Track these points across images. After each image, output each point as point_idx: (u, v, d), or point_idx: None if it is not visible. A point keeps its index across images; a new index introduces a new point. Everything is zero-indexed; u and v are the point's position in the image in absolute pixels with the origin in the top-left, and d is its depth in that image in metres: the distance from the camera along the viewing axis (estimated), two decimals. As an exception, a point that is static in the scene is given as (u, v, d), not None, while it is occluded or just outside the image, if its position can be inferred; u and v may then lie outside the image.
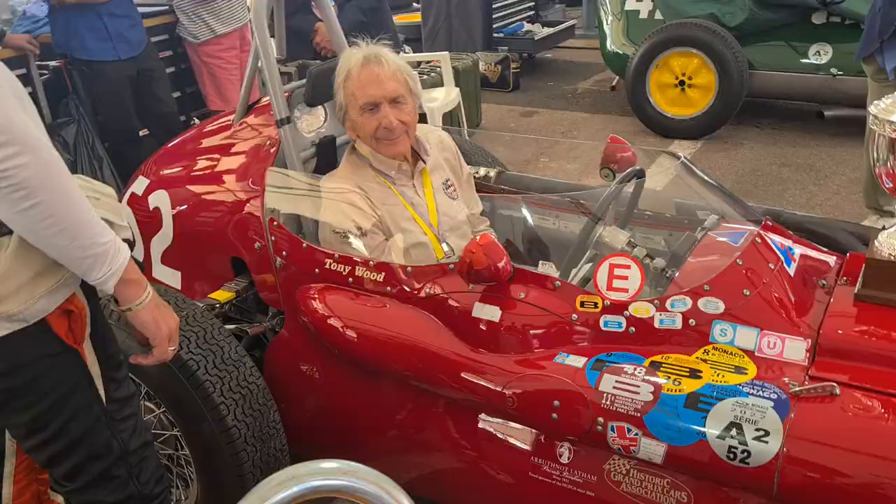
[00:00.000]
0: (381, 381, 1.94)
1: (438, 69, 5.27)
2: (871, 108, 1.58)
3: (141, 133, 4.16)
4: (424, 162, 2.18)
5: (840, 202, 4.32)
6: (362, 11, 3.07)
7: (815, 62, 5.10)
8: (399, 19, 8.21)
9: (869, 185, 3.54)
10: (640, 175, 2.04)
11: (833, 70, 5.01)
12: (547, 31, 7.78)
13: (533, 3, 8.27)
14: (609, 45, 5.96)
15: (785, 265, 1.74)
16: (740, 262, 1.69)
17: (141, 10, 4.18)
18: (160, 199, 2.35)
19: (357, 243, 2.01)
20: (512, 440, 1.77)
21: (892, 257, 1.63)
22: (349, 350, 1.91)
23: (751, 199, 4.33)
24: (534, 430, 1.73)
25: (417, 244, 2.09)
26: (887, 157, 1.57)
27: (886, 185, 1.62)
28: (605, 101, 6.60)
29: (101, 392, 1.48)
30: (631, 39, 5.80)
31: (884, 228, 1.74)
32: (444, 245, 2.12)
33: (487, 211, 2.41)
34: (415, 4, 8.78)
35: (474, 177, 2.51)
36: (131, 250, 1.42)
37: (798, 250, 1.83)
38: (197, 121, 2.91)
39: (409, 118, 2.08)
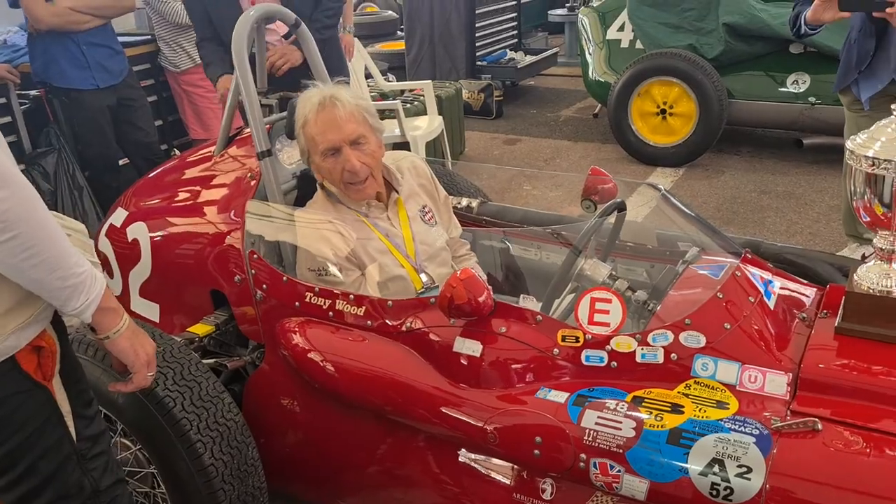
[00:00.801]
0: (361, 415, 1.92)
1: (422, 97, 5.30)
2: (848, 144, 1.59)
3: (121, 162, 4.13)
4: (397, 192, 2.17)
5: (820, 230, 4.36)
6: (318, 31, 3.11)
7: (793, 91, 5.16)
8: (383, 47, 8.30)
9: (848, 213, 3.57)
10: (622, 208, 2.04)
11: (811, 99, 5.08)
12: (530, 59, 7.85)
13: (516, 32, 8.36)
14: (591, 73, 6.03)
15: (765, 298, 1.74)
16: (721, 296, 1.69)
17: (123, 39, 4.17)
18: (138, 231, 2.33)
19: (333, 278, 2.00)
20: (493, 475, 1.75)
21: (872, 290, 1.63)
22: (329, 385, 1.89)
23: (731, 227, 4.39)
24: (515, 466, 1.71)
25: (394, 277, 2.08)
26: (864, 192, 1.58)
27: (864, 220, 1.63)
28: (587, 128, 6.65)
29: (72, 429, 1.45)
30: (613, 68, 5.86)
31: (864, 258, 1.75)
32: (422, 275, 2.12)
33: (469, 242, 2.40)
34: (399, 33, 8.86)
35: (456, 207, 2.51)
36: None
37: (777, 283, 1.84)
38: (177, 151, 2.90)
39: (371, 159, 2.05)
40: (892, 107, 1.57)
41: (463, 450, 1.78)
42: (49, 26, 3.61)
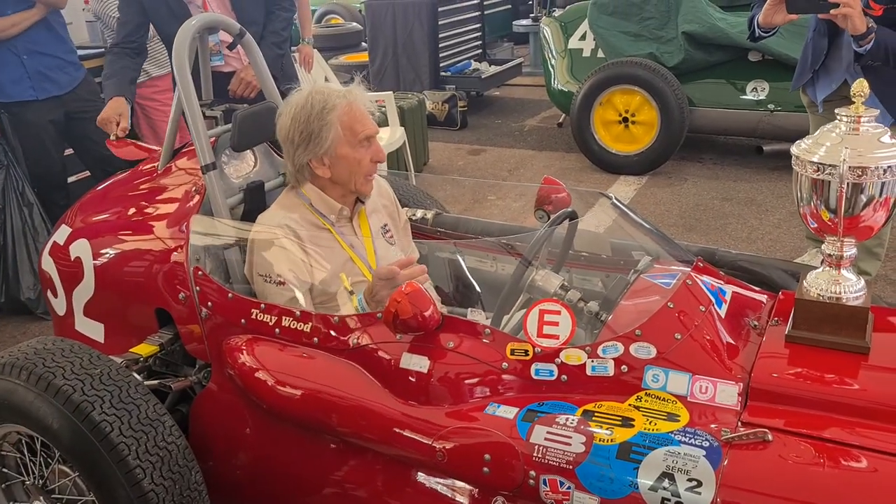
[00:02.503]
0: (313, 435, 1.86)
1: (383, 109, 5.26)
2: (793, 149, 1.58)
3: (73, 178, 4.02)
4: (363, 202, 2.15)
5: (781, 235, 4.38)
6: (277, 45, 3.10)
7: (752, 98, 5.21)
8: (347, 59, 8.26)
9: None
10: (573, 217, 2.01)
11: (770, 106, 5.12)
12: (494, 69, 7.85)
13: (480, 42, 8.36)
14: (554, 82, 6.04)
15: (716, 307, 1.72)
16: (671, 305, 1.66)
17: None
18: (81, 249, 2.26)
19: (283, 290, 1.95)
20: (447, 494, 1.70)
21: (821, 297, 1.62)
22: (276, 404, 1.83)
23: (694, 234, 4.40)
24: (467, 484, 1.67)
25: (357, 283, 2.04)
26: (811, 198, 1.56)
27: (812, 226, 1.62)
28: (551, 137, 6.65)
29: None
30: (575, 77, 5.88)
31: (823, 262, 1.73)
32: None
33: (424, 254, 2.36)
34: (363, 44, 8.83)
35: (411, 219, 2.48)
36: None
37: (729, 291, 1.82)
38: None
39: None
40: (837, 111, 1.56)
41: (416, 470, 1.73)
42: None
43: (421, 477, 1.73)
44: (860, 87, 1.50)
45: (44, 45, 3.67)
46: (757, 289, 1.93)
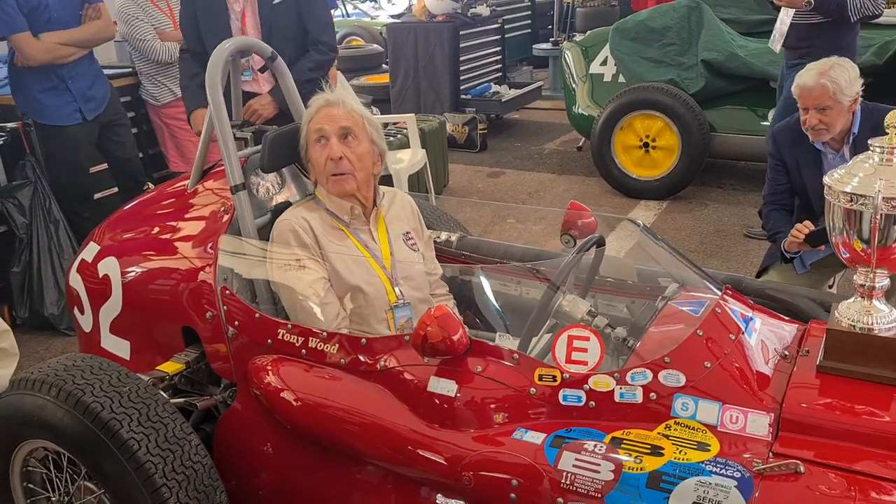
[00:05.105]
0: (337, 457, 1.86)
1: (405, 130, 5.29)
2: (826, 179, 1.58)
3: (98, 195, 4.07)
4: (377, 205, 2.18)
5: (803, 263, 4.34)
6: (310, 69, 3.14)
7: (774, 125, 5.20)
8: (368, 80, 8.31)
9: None
10: (601, 243, 2.01)
11: (792, 132, 5.10)
12: (514, 92, 7.89)
13: (500, 65, 8.41)
14: (575, 107, 6.06)
15: (745, 335, 1.71)
16: (700, 333, 1.66)
17: (105, 72, 4.13)
18: (110, 267, 2.28)
19: (304, 274, 2.01)
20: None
21: (853, 328, 1.61)
22: (301, 425, 1.84)
23: (715, 260, 4.38)
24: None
25: (369, 283, 2.07)
26: (843, 228, 1.56)
27: (844, 256, 1.61)
28: (571, 161, 6.66)
29: None
30: (596, 101, 5.90)
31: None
32: (396, 289, 2.10)
33: (448, 277, 2.37)
34: (384, 66, 8.90)
35: (436, 241, 2.48)
36: None
37: (758, 319, 1.81)
38: (151, 185, 2.85)
39: (356, 160, 2.08)
40: (870, 141, 1.56)
41: (440, 495, 1.73)
42: (39, 63, 3.57)
43: (442, 500, 1.72)
44: (894, 118, 1.49)
45: (81, 66, 3.75)
46: (786, 318, 1.92)
